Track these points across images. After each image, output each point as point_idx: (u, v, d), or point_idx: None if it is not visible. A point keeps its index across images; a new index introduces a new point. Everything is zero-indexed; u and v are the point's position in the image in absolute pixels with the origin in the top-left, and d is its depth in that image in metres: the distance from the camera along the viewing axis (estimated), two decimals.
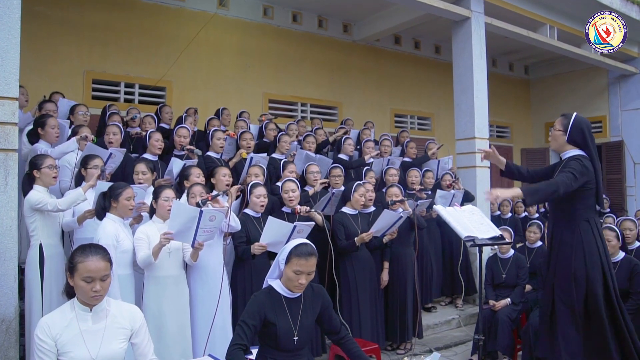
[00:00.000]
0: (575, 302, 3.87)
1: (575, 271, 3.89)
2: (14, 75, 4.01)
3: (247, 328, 2.81)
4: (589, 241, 3.90)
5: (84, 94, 7.87)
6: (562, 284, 3.97)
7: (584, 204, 3.96)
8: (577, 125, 3.99)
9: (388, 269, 5.51)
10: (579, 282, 3.87)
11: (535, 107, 14.41)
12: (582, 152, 3.99)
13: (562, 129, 4.05)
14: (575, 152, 4.00)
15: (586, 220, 3.94)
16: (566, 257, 3.96)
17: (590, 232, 3.92)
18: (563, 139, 4.04)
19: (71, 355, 2.44)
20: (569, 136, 4.01)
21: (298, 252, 2.89)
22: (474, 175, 7.75)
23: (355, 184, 5.43)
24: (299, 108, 10.35)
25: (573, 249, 3.93)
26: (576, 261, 3.90)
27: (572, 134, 4.00)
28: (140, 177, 4.77)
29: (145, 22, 8.47)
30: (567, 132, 4.01)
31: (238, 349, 2.76)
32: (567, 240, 3.98)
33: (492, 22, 8.33)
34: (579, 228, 3.94)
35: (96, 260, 2.47)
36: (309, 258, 2.88)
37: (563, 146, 4.06)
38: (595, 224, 3.97)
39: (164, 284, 4.05)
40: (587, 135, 3.99)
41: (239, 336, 2.79)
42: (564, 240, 4.00)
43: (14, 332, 3.90)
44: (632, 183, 12.36)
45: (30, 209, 4.13)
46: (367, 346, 4.51)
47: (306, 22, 10.22)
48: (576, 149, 4.00)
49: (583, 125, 4.00)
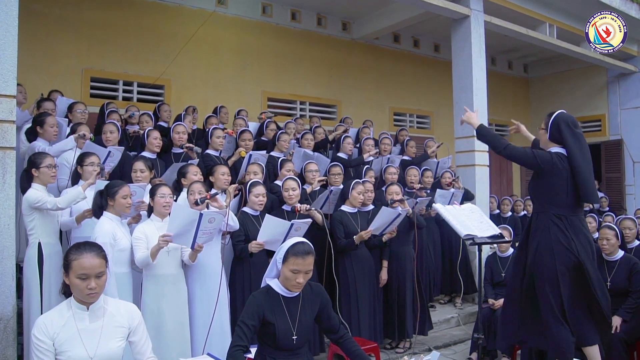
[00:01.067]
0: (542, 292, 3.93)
1: (542, 264, 3.93)
2: (11, 73, 4.01)
3: (246, 328, 2.79)
4: (556, 236, 3.88)
5: (82, 92, 7.85)
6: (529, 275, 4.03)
7: (551, 198, 3.94)
8: (555, 122, 3.97)
9: (387, 267, 5.50)
10: (544, 274, 3.91)
11: (534, 105, 14.40)
12: (562, 149, 3.96)
13: (544, 127, 4.05)
14: (556, 149, 3.98)
15: (557, 216, 3.92)
16: (535, 250, 3.99)
17: (557, 228, 3.89)
18: (546, 137, 4.04)
19: (69, 355, 2.43)
20: (549, 134, 4.00)
21: (295, 251, 2.87)
22: (473, 174, 7.74)
23: (353, 182, 5.42)
24: (298, 106, 10.34)
25: (541, 242, 3.94)
26: (543, 254, 3.92)
27: (551, 131, 4.00)
28: (139, 174, 4.74)
29: (144, 20, 8.45)
30: (548, 129, 4.00)
31: (238, 350, 2.74)
32: (538, 234, 3.99)
33: (491, 20, 8.32)
34: (547, 223, 3.93)
35: (90, 257, 2.45)
36: (306, 257, 2.86)
37: (547, 144, 4.06)
38: (567, 221, 3.90)
39: (163, 283, 4.04)
40: (565, 132, 3.92)
41: (238, 337, 2.78)
42: (535, 235, 4.02)
43: (11, 330, 3.90)
44: (631, 182, 12.36)
45: (29, 207, 4.11)
46: (366, 345, 4.49)
47: (305, 20, 10.21)
48: (557, 147, 3.98)
49: (561, 122, 3.95)
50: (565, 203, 3.92)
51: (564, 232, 3.88)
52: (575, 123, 3.99)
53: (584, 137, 4.02)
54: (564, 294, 3.83)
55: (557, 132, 3.96)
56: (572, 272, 3.85)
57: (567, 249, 3.84)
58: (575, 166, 3.87)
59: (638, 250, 5.52)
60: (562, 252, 3.85)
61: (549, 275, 3.86)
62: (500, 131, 13.78)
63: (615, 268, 4.85)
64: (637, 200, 12.19)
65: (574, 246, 3.84)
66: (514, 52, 13.09)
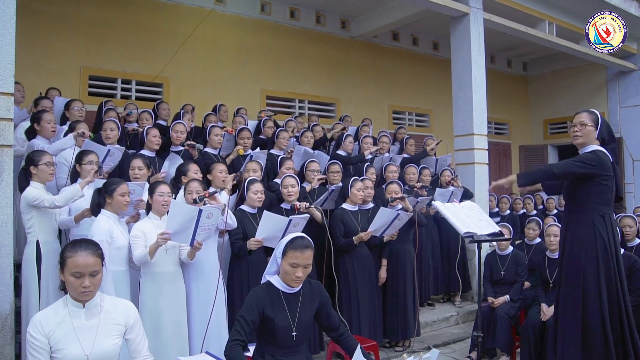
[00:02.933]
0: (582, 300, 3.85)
1: (585, 267, 3.85)
2: (9, 71, 3.99)
3: (245, 324, 2.79)
4: (603, 237, 3.85)
5: (81, 91, 7.84)
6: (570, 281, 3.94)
7: (600, 198, 3.89)
8: (605, 122, 3.98)
9: (386, 266, 5.49)
10: (587, 279, 3.83)
11: (533, 103, 14.39)
12: (602, 147, 3.93)
13: (593, 125, 3.99)
14: (595, 147, 3.95)
15: (601, 215, 3.89)
16: (577, 253, 3.92)
17: (605, 228, 3.87)
18: (594, 135, 3.97)
19: (64, 352, 2.41)
20: (599, 132, 3.98)
21: (294, 245, 2.88)
22: (472, 172, 7.73)
23: (352, 180, 5.41)
24: (297, 104, 10.33)
25: (585, 244, 3.88)
26: (587, 256, 3.86)
27: (602, 130, 3.96)
28: (137, 172, 4.73)
29: (142, 18, 8.44)
30: (598, 128, 3.97)
31: (236, 344, 2.73)
32: (580, 235, 3.92)
33: (490, 18, 8.30)
34: (594, 223, 3.87)
35: (85, 256, 2.44)
36: (304, 250, 2.87)
37: (592, 141, 3.98)
38: (610, 220, 3.91)
39: (161, 281, 4.03)
40: (612, 133, 4.00)
41: (237, 332, 2.77)
42: (577, 235, 3.94)
43: (9, 329, 3.89)
44: (630, 180, 12.35)
45: (27, 205, 4.09)
46: (365, 343, 4.48)
47: (304, 18, 10.20)
48: (597, 145, 3.96)
49: (606, 121, 4.01)
50: (611, 202, 3.93)
51: (607, 231, 3.86)
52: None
53: None
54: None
55: (608, 132, 3.97)
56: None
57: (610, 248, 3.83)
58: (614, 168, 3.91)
59: (638, 248, 5.51)
60: (606, 251, 3.83)
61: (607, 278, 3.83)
62: (499, 129, 13.80)
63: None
64: (636, 199, 12.18)
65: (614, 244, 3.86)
66: (513, 50, 13.07)
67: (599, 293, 3.80)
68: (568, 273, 3.98)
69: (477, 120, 7.79)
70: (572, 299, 3.92)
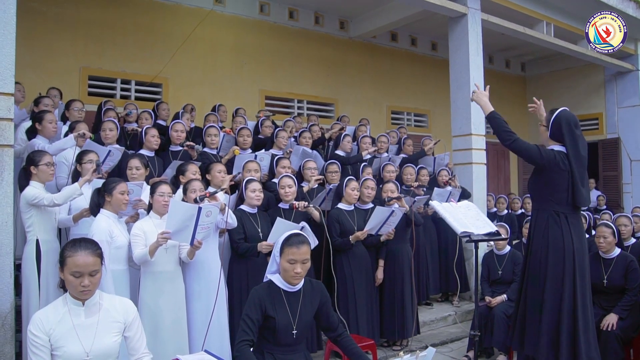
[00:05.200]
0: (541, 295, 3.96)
1: (541, 264, 3.97)
2: (9, 71, 4.02)
3: (251, 323, 2.84)
4: (554, 235, 3.93)
5: (80, 91, 7.86)
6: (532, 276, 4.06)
7: (554, 197, 3.98)
8: (556, 121, 4.01)
9: (383, 266, 5.50)
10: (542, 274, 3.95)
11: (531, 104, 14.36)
12: (562, 147, 3.99)
13: (545, 124, 4.07)
14: (556, 147, 4.01)
15: (556, 213, 3.96)
16: (535, 249, 4.04)
17: (557, 226, 3.93)
18: (546, 134, 4.07)
19: (64, 350, 2.44)
20: (550, 131, 4.02)
21: (289, 242, 2.95)
22: (470, 172, 7.75)
23: (346, 179, 5.43)
24: (295, 105, 10.35)
25: (540, 241, 3.98)
26: (541, 253, 3.98)
27: (552, 129, 4.02)
28: (134, 172, 4.73)
29: (141, 18, 8.46)
30: (549, 127, 4.02)
31: (245, 345, 2.78)
32: (537, 232, 4.03)
33: (488, 18, 8.33)
34: (546, 221, 3.98)
35: (84, 255, 2.47)
36: (300, 246, 2.93)
37: (547, 141, 4.10)
38: (565, 219, 3.95)
39: (161, 280, 4.04)
40: (565, 131, 3.97)
41: (244, 332, 2.81)
42: (535, 233, 4.06)
43: (9, 327, 3.90)
44: (628, 180, 12.38)
45: (26, 204, 4.11)
46: (363, 342, 4.51)
47: (302, 19, 10.22)
48: (557, 144, 4.01)
49: (563, 120, 3.99)
50: (565, 201, 3.95)
51: (562, 230, 3.91)
52: (576, 123, 4.02)
53: (583, 138, 4.04)
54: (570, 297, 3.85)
55: (557, 131, 3.99)
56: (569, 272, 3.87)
57: (562, 248, 3.87)
58: (575, 165, 3.92)
59: (634, 247, 5.55)
60: (559, 250, 3.88)
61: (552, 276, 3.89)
62: None
63: (612, 266, 4.87)
64: (634, 199, 12.20)
65: (571, 245, 3.88)
66: (511, 50, 13.10)
67: (543, 290, 3.92)
68: (529, 268, 4.10)
69: (475, 121, 7.81)
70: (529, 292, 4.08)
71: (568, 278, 3.88)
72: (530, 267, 4.09)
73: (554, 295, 3.89)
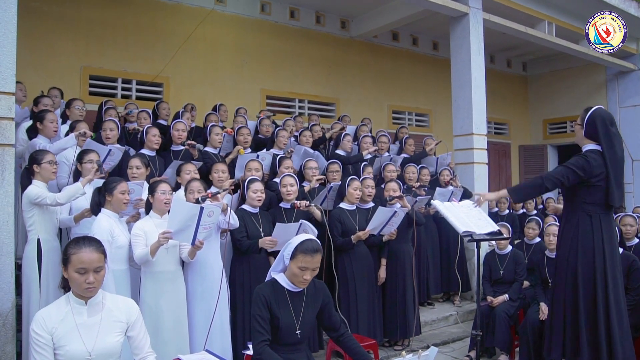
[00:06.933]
0: (564, 298, 3.92)
1: (572, 266, 3.91)
2: (10, 71, 4.00)
3: (262, 321, 2.84)
4: (585, 237, 3.88)
5: (81, 90, 7.86)
6: (561, 279, 3.99)
7: (589, 198, 3.92)
8: (591, 119, 3.94)
9: (385, 265, 5.50)
10: (570, 278, 3.89)
11: (533, 103, 14.41)
12: (597, 146, 3.94)
13: (580, 123, 4.02)
14: (591, 146, 3.96)
15: (588, 215, 3.91)
16: (564, 252, 3.98)
17: (589, 227, 3.89)
18: (581, 133, 4.00)
19: (67, 349, 2.43)
20: (585, 130, 3.99)
21: (304, 248, 2.89)
22: (471, 172, 7.74)
23: (349, 179, 5.43)
24: (297, 104, 10.34)
25: (571, 243, 3.93)
26: (571, 256, 3.92)
27: (586, 127, 3.97)
28: (135, 171, 4.73)
29: (142, 18, 8.45)
30: (584, 125, 3.99)
31: (264, 345, 2.79)
32: (567, 234, 3.98)
33: (490, 18, 8.32)
34: (578, 222, 3.92)
35: (89, 252, 2.46)
36: (314, 255, 2.89)
37: (582, 140, 4.01)
38: (599, 220, 3.91)
39: (162, 280, 4.04)
40: (600, 128, 3.90)
41: (259, 332, 2.81)
42: (564, 234, 4.01)
43: (10, 327, 3.90)
44: (630, 180, 12.34)
45: (29, 203, 4.11)
46: (364, 341, 4.50)
47: (303, 18, 10.21)
48: (593, 143, 3.97)
49: (597, 118, 3.93)
50: (599, 202, 3.91)
51: (593, 231, 3.87)
52: (611, 120, 3.96)
53: (619, 136, 3.99)
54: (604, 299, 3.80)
55: (592, 129, 3.95)
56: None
57: (592, 249, 3.84)
58: (610, 164, 3.88)
59: (637, 247, 5.53)
60: (589, 251, 3.84)
61: (583, 279, 3.85)
62: (498, 129, 13.81)
63: None
64: (635, 199, 12.19)
65: (601, 245, 3.85)
66: (512, 50, 13.09)
67: (577, 292, 3.86)
68: (558, 271, 4.05)
69: (477, 120, 7.81)
70: (557, 296, 4.01)
71: (600, 279, 3.82)
72: (559, 270, 4.03)
73: (587, 299, 3.83)
